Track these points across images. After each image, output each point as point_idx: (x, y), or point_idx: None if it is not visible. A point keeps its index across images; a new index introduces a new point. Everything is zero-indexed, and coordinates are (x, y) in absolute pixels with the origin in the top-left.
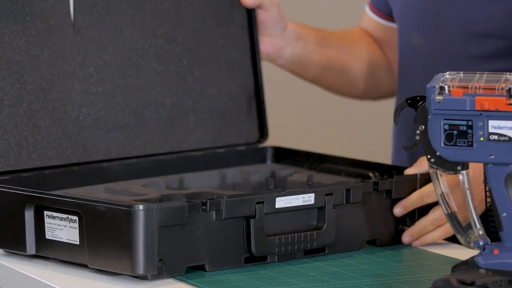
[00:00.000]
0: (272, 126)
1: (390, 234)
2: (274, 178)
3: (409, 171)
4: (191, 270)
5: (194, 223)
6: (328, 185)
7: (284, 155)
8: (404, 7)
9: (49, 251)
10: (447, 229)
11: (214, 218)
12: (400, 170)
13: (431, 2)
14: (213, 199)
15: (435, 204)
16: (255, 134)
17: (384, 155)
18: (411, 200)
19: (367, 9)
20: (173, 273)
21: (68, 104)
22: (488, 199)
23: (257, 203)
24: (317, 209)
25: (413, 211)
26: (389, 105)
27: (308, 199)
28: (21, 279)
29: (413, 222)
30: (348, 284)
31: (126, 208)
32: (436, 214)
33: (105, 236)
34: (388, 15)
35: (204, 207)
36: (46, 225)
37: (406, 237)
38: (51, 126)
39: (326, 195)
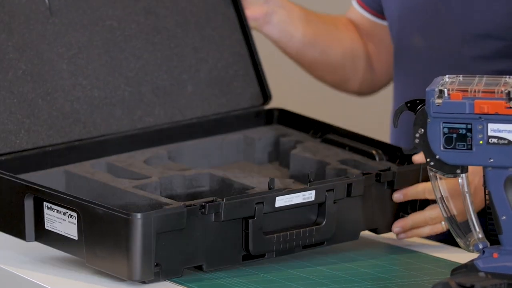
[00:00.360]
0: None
1: (391, 222)
2: (278, 147)
3: (416, 159)
4: (189, 272)
5: (192, 226)
6: (329, 181)
7: (289, 119)
8: (402, 9)
9: (48, 241)
10: (438, 228)
11: (213, 220)
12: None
13: (430, 3)
14: (212, 201)
15: (435, 201)
16: (258, 97)
17: None
18: (413, 190)
19: (354, 3)
20: (170, 275)
21: (60, 85)
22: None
23: (256, 203)
24: (317, 204)
25: (415, 200)
26: (386, 107)
27: (308, 196)
28: (24, 284)
29: (413, 210)
30: (347, 287)
31: (124, 216)
32: (433, 213)
33: (102, 239)
34: (376, 11)
35: (203, 210)
36: (45, 216)
37: (397, 228)
38: (47, 107)
39: (327, 191)
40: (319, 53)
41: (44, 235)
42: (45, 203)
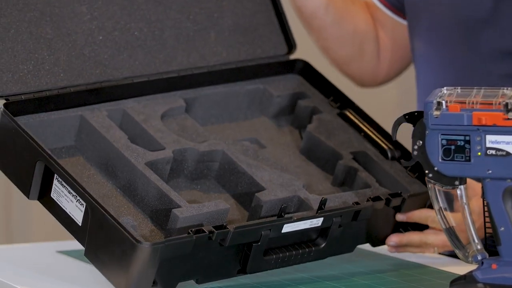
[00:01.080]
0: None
1: (387, 236)
2: (295, 106)
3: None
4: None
5: (195, 250)
6: (339, 209)
7: (312, 75)
8: (432, 20)
9: (50, 208)
10: (429, 251)
11: (217, 245)
12: None
13: (460, 19)
14: (222, 228)
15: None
16: (282, 46)
17: None
18: (417, 216)
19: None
20: None
21: (80, 28)
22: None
23: (263, 230)
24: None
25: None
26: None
27: (315, 222)
28: None
29: (412, 229)
30: None
31: (133, 241)
32: (430, 238)
33: (107, 245)
34: (396, 8)
35: (210, 235)
36: (54, 186)
37: (391, 242)
38: (66, 49)
39: (335, 217)
40: (331, 21)
41: (47, 202)
42: (56, 175)
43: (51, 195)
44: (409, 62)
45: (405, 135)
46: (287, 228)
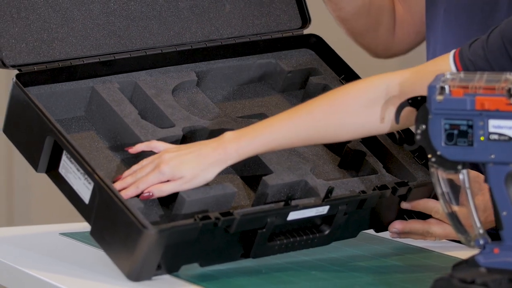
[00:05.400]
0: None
1: (391, 222)
2: (306, 82)
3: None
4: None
5: (201, 235)
6: (345, 198)
7: (324, 51)
8: (449, 3)
9: (57, 183)
10: (430, 239)
11: (223, 231)
12: None
13: (477, 3)
14: (228, 215)
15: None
16: (296, 20)
17: None
18: (423, 206)
19: None
20: (168, 272)
21: None
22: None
23: (269, 217)
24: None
25: None
26: None
27: (321, 210)
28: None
29: (417, 217)
30: (349, 282)
31: (139, 226)
32: (433, 228)
33: (113, 227)
34: None
35: (216, 221)
36: (62, 162)
37: (394, 229)
38: (81, 18)
39: (340, 205)
40: None
41: (55, 176)
42: (64, 151)
43: (59, 170)
44: (423, 38)
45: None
46: (293, 215)
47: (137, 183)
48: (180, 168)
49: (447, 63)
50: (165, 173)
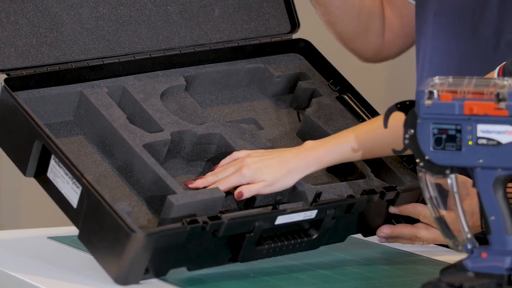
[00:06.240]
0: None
1: (379, 227)
2: (295, 86)
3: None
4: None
5: (188, 239)
6: (333, 202)
7: (313, 56)
8: (440, 6)
9: (46, 187)
10: (417, 244)
11: (211, 235)
12: None
13: (467, 4)
14: (216, 219)
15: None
16: (285, 25)
17: None
18: (411, 210)
19: None
20: (156, 276)
21: (85, 1)
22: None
23: (257, 221)
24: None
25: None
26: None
27: (309, 214)
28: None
29: (405, 221)
30: (337, 287)
31: (127, 230)
32: (421, 232)
33: (101, 231)
34: None
35: (204, 225)
36: (50, 166)
37: (382, 233)
38: (71, 22)
39: (329, 209)
40: None
41: (43, 180)
42: (53, 156)
43: (48, 175)
44: (413, 42)
45: None
46: (281, 219)
47: (218, 183)
48: (262, 172)
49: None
50: (246, 176)
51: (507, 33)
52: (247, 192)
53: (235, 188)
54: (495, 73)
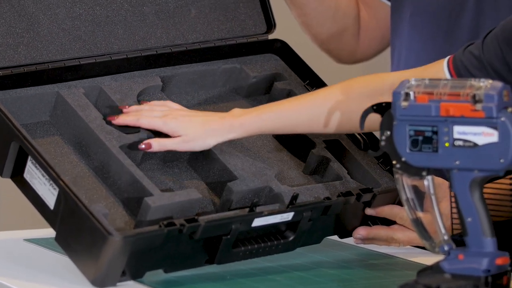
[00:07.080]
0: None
1: (355, 228)
2: (271, 87)
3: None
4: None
5: (165, 242)
6: (309, 204)
7: (289, 57)
8: (414, 8)
9: (22, 189)
10: (393, 245)
11: (188, 238)
12: None
13: (443, 6)
14: (193, 222)
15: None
16: (261, 25)
17: None
18: (387, 211)
19: None
20: (132, 278)
21: (61, 1)
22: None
23: (234, 223)
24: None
25: None
26: None
27: (286, 216)
28: None
29: (381, 223)
30: None
31: (104, 233)
32: (397, 234)
33: (78, 233)
34: None
35: (181, 228)
36: (27, 167)
37: (358, 235)
38: (47, 23)
39: (305, 211)
40: None
41: (20, 181)
42: (30, 157)
43: (24, 176)
44: (388, 43)
45: None
46: (258, 222)
47: (139, 116)
48: (184, 126)
49: (441, 68)
50: (169, 125)
51: (481, 31)
52: (156, 145)
53: (207, 184)
54: (444, 63)
